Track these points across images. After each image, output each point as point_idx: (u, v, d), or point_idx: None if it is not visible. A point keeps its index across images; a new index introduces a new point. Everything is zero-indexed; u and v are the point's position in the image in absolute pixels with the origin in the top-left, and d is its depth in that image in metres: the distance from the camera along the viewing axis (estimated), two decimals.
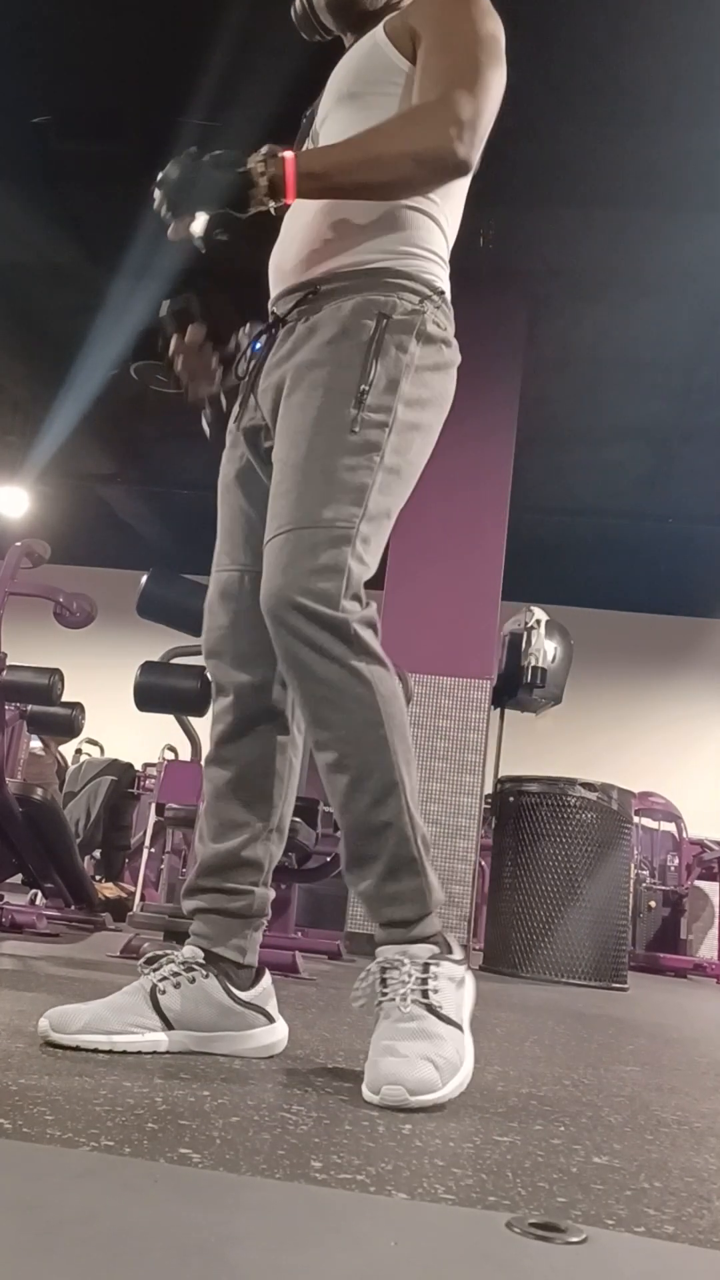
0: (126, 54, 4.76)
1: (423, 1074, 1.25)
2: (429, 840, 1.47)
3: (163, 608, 3.07)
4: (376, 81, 1.60)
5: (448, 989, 1.37)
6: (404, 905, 1.43)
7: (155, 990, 1.44)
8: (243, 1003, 1.49)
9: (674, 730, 10.97)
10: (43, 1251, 0.62)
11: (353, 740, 1.44)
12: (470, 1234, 0.77)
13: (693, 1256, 0.81)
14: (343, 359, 1.51)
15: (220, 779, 1.64)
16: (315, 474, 1.48)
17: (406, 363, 1.52)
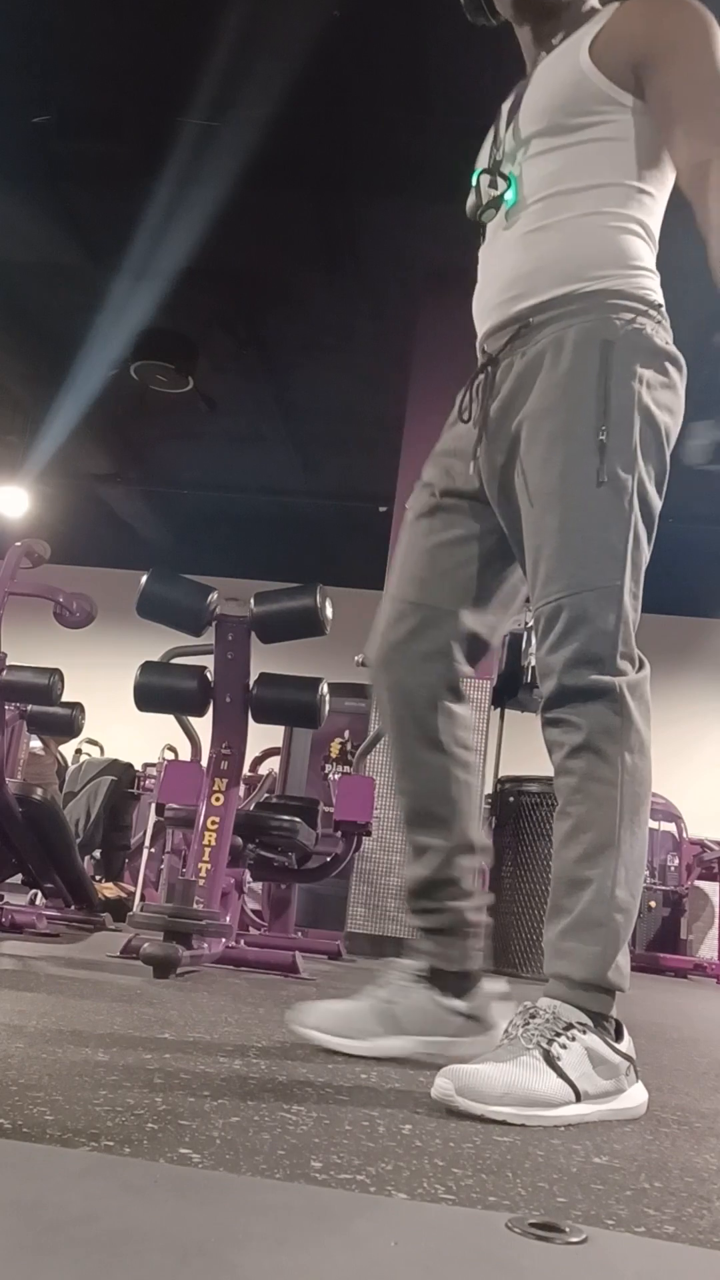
0: (126, 54, 4.76)
1: (478, 1084, 1.23)
2: (631, 919, 1.45)
3: (163, 608, 3.06)
4: (588, 113, 1.57)
5: (578, 1054, 1.32)
6: (573, 962, 1.41)
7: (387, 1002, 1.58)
8: (454, 1010, 1.54)
9: (674, 730, 10.95)
10: (43, 1251, 0.62)
11: (582, 790, 1.45)
12: (470, 1234, 0.77)
13: (693, 1257, 0.81)
14: (574, 400, 1.49)
15: (402, 808, 1.71)
16: (573, 538, 1.47)
17: (640, 391, 1.49)
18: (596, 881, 1.42)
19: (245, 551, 10.44)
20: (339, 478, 9.00)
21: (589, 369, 1.48)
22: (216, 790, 3.02)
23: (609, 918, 1.42)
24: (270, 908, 4.35)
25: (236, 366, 7.29)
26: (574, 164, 1.57)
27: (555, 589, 1.47)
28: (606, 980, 1.41)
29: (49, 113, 5.09)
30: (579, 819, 1.45)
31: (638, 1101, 1.41)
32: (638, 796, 1.45)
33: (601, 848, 1.43)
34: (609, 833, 1.43)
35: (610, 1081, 1.35)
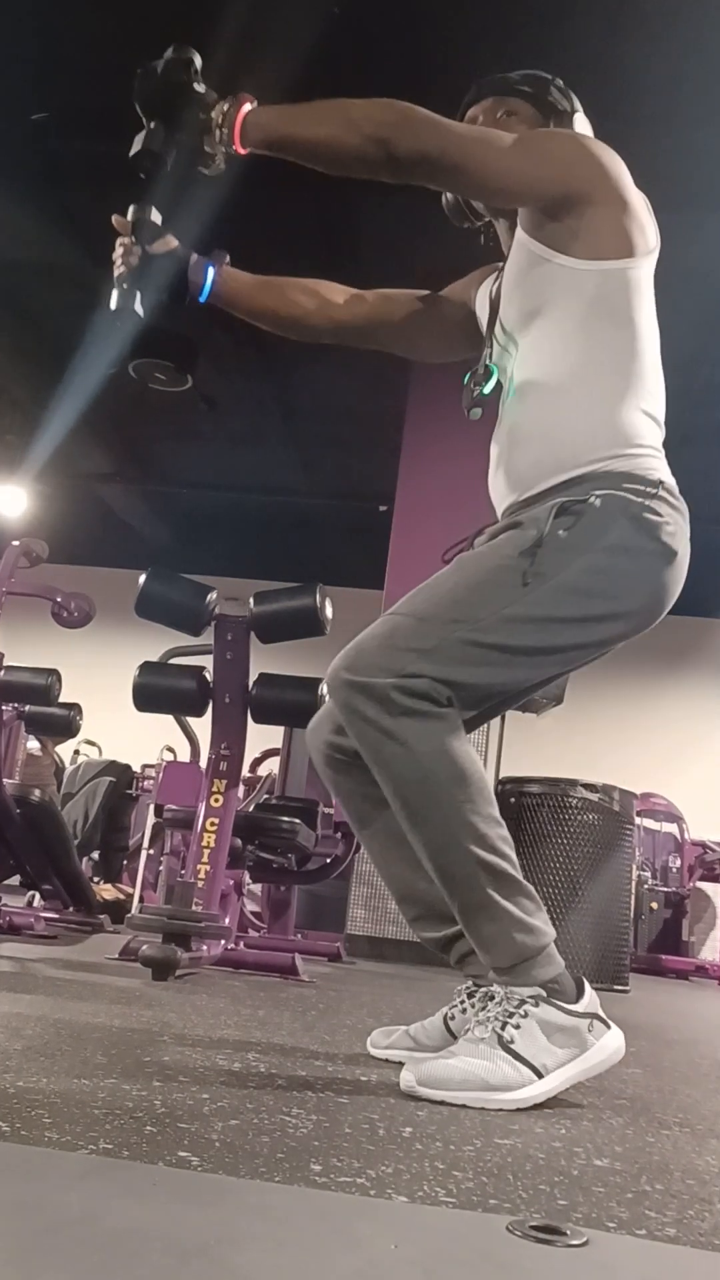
0: (126, 54, 4.75)
1: (438, 1073, 1.32)
2: (493, 868, 1.44)
3: (162, 607, 3.06)
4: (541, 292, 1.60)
5: (532, 1031, 1.38)
6: (493, 951, 1.45)
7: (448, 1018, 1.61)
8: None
9: (675, 730, 10.96)
10: (42, 1253, 0.61)
11: (398, 797, 1.47)
12: (471, 1237, 0.77)
13: (694, 1259, 0.81)
14: (535, 523, 1.50)
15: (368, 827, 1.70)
16: (445, 583, 1.51)
17: (606, 538, 1.49)
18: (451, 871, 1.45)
19: (245, 551, 10.43)
20: (339, 478, 8.99)
21: (559, 509, 1.50)
22: (215, 791, 3.02)
23: (483, 895, 1.43)
24: (269, 909, 4.35)
25: (236, 366, 7.29)
26: (550, 350, 1.59)
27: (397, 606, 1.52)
28: (522, 952, 1.43)
29: (49, 112, 5.09)
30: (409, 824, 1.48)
31: (607, 1052, 1.44)
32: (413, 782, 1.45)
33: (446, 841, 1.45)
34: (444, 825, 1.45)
35: (571, 1046, 1.40)
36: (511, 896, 1.44)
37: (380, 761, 1.46)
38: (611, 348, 1.57)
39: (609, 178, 1.55)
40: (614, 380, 1.56)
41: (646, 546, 1.52)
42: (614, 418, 1.55)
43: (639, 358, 1.58)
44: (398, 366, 6.16)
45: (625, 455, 1.54)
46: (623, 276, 1.57)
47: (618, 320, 1.57)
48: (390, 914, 4.96)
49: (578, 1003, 1.44)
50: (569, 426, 1.56)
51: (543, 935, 1.45)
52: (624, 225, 1.56)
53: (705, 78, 4.41)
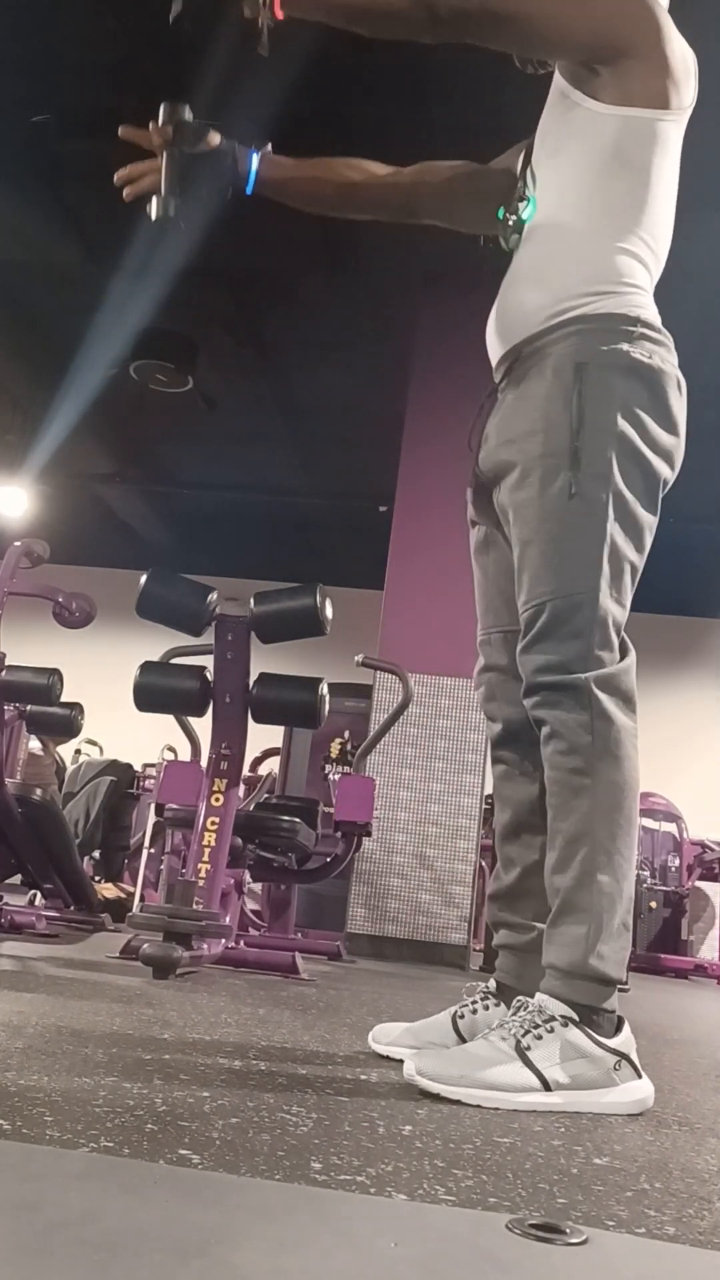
0: (126, 54, 4.76)
1: (438, 1066, 1.31)
2: (615, 905, 1.45)
3: (162, 608, 3.06)
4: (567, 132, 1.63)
5: (552, 1046, 1.36)
6: (559, 949, 1.45)
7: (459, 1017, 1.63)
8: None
9: (674, 730, 10.95)
10: (42, 1252, 0.62)
11: (558, 783, 1.50)
12: (470, 1235, 0.77)
13: (693, 1258, 0.81)
14: (549, 421, 1.53)
15: (501, 819, 1.73)
16: (548, 548, 1.52)
17: (615, 408, 1.52)
18: (576, 869, 1.46)
19: (245, 551, 10.43)
20: (339, 478, 8.99)
21: (562, 390, 1.52)
22: (216, 790, 3.02)
23: (590, 903, 1.44)
24: (270, 908, 4.35)
25: (236, 366, 7.29)
26: (559, 188, 1.61)
27: (532, 595, 1.53)
28: (589, 967, 1.42)
29: (49, 113, 5.09)
30: (556, 810, 1.50)
31: (633, 1098, 1.41)
32: (615, 785, 1.48)
33: (578, 836, 1.47)
34: (585, 822, 1.46)
35: (593, 1075, 1.37)
36: (615, 919, 1.46)
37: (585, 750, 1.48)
38: (618, 192, 1.59)
39: (655, 34, 1.55)
40: (611, 222, 1.58)
41: (649, 392, 1.55)
42: (602, 257, 1.57)
43: (646, 206, 1.59)
44: (398, 367, 6.16)
45: (608, 294, 1.56)
46: (647, 127, 1.57)
47: (632, 168, 1.58)
48: (390, 913, 4.96)
49: (612, 1039, 1.41)
50: (558, 266, 1.59)
51: (616, 971, 1.45)
52: (659, 79, 1.56)
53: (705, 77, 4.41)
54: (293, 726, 4.94)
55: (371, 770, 4.85)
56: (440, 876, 5.00)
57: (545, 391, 1.54)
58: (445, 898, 4.95)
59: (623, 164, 1.58)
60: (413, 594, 5.44)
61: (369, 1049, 1.66)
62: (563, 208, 1.61)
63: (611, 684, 1.51)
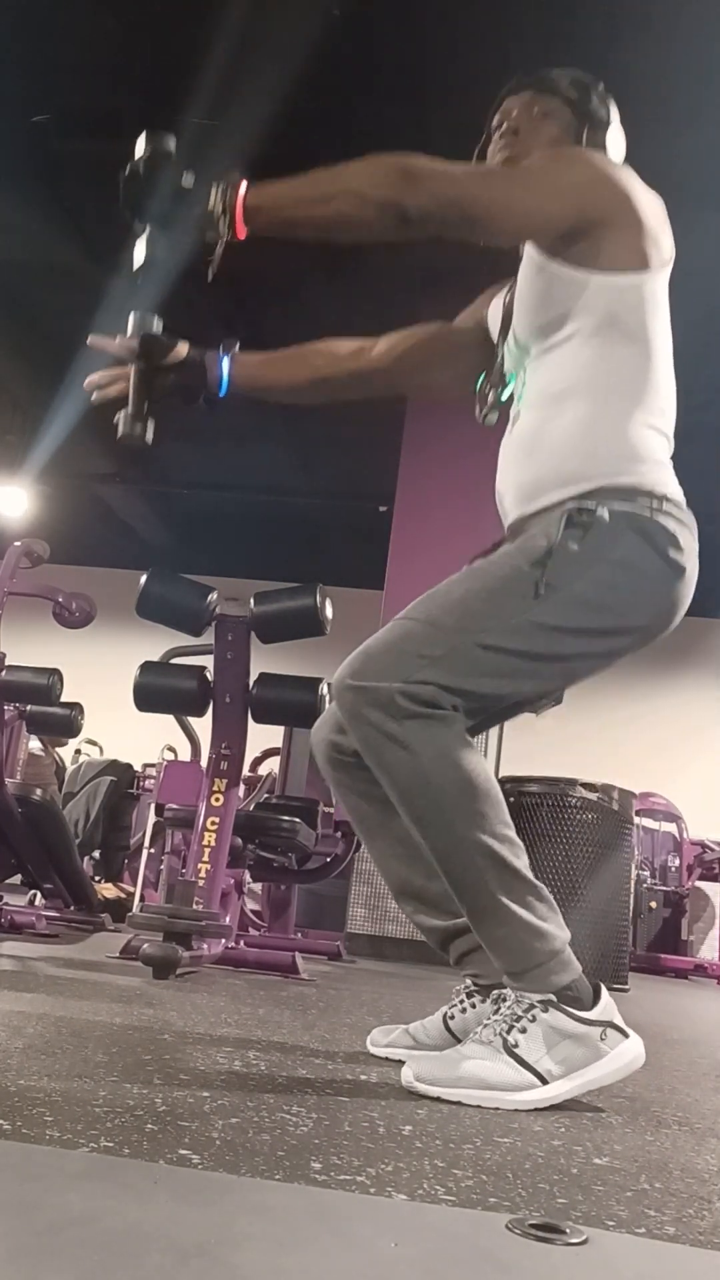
0: (126, 54, 4.76)
1: (435, 1070, 1.32)
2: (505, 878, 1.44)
3: (162, 608, 3.06)
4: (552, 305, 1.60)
5: (537, 1037, 1.37)
6: (502, 954, 1.45)
7: (448, 1017, 1.62)
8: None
9: (674, 730, 10.96)
10: (42, 1252, 0.62)
11: (403, 802, 1.48)
12: (470, 1235, 0.77)
13: (693, 1258, 0.81)
14: (547, 532, 1.50)
15: None
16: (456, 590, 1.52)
17: (614, 552, 1.48)
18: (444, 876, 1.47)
19: (245, 551, 10.43)
20: (339, 478, 9.00)
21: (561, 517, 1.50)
22: (216, 790, 3.02)
23: (492, 899, 1.43)
24: (270, 908, 4.35)
25: None
26: (560, 362, 1.59)
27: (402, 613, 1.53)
28: (533, 956, 1.42)
29: (49, 112, 5.09)
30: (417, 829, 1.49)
31: (622, 1061, 1.42)
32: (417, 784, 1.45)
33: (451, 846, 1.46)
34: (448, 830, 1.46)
35: (582, 1053, 1.38)
36: (522, 900, 1.44)
37: (384, 766, 1.46)
38: (622, 362, 1.57)
39: (625, 202, 1.54)
40: (623, 395, 1.56)
41: (654, 563, 1.51)
42: (622, 433, 1.55)
43: (650, 372, 1.58)
44: None
45: (632, 470, 1.53)
46: (636, 291, 1.56)
47: (630, 335, 1.56)
48: (390, 913, 4.96)
49: (591, 1009, 1.42)
50: (577, 440, 1.55)
51: (554, 939, 1.44)
52: (637, 241, 1.55)
53: (701, 75, 4.42)
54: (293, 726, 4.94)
55: None
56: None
57: (556, 520, 1.51)
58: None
59: (621, 333, 1.56)
60: (413, 594, 5.36)
61: (366, 1050, 1.66)
62: (568, 381, 1.57)
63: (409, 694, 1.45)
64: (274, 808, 4.10)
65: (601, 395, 1.55)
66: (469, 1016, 1.61)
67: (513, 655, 1.48)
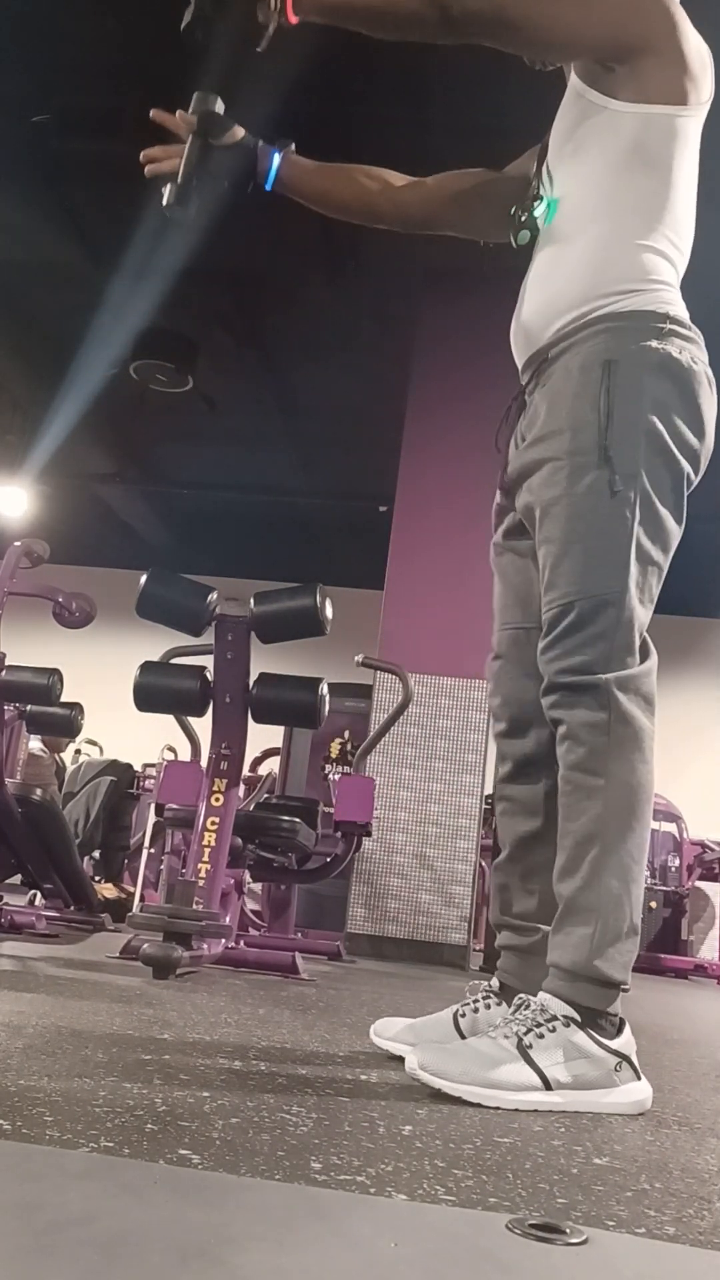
0: (126, 54, 4.76)
1: (441, 1062, 1.32)
2: (623, 909, 1.45)
3: (162, 608, 3.06)
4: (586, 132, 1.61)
5: (553, 1045, 1.36)
6: (563, 949, 1.45)
7: (461, 1016, 1.63)
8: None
9: (674, 730, 10.93)
10: (42, 1252, 0.62)
11: (570, 783, 1.49)
12: (470, 1235, 0.77)
13: (693, 1258, 0.81)
14: (578, 420, 1.52)
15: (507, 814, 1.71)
16: (575, 548, 1.51)
17: (644, 406, 1.50)
18: (585, 870, 1.45)
19: (245, 551, 10.43)
20: (339, 478, 8.99)
21: (590, 388, 1.51)
22: (216, 790, 3.02)
23: (598, 904, 1.44)
24: (270, 908, 4.35)
25: (236, 366, 7.29)
26: (581, 188, 1.60)
27: (558, 595, 1.52)
28: (594, 969, 1.42)
29: (49, 112, 5.09)
30: (567, 810, 1.49)
31: (632, 1099, 1.42)
32: (629, 787, 1.47)
33: (589, 837, 1.46)
34: (596, 823, 1.46)
35: (594, 1075, 1.38)
36: (623, 919, 1.45)
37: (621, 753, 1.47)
38: (639, 190, 1.58)
39: (671, 31, 1.54)
40: (634, 220, 1.57)
41: (678, 390, 1.53)
42: (628, 255, 1.56)
43: (668, 204, 1.58)
44: (398, 367, 6.16)
45: (635, 291, 1.55)
46: (667, 123, 1.56)
47: (653, 165, 1.57)
48: (390, 912, 4.96)
49: (613, 1041, 1.42)
50: (584, 265, 1.57)
51: (621, 973, 1.45)
52: (676, 75, 1.55)
53: None
54: (293, 726, 4.94)
55: (371, 770, 4.85)
56: (440, 876, 5.00)
57: (574, 389, 1.53)
58: (445, 898, 4.95)
59: (644, 161, 1.57)
60: (413, 594, 5.44)
61: (369, 1049, 1.66)
62: (585, 207, 1.60)
63: (632, 685, 1.50)
64: (274, 808, 4.10)
65: (617, 218, 1.57)
66: (480, 1017, 1.61)
67: (658, 564, 1.55)
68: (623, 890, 1.45)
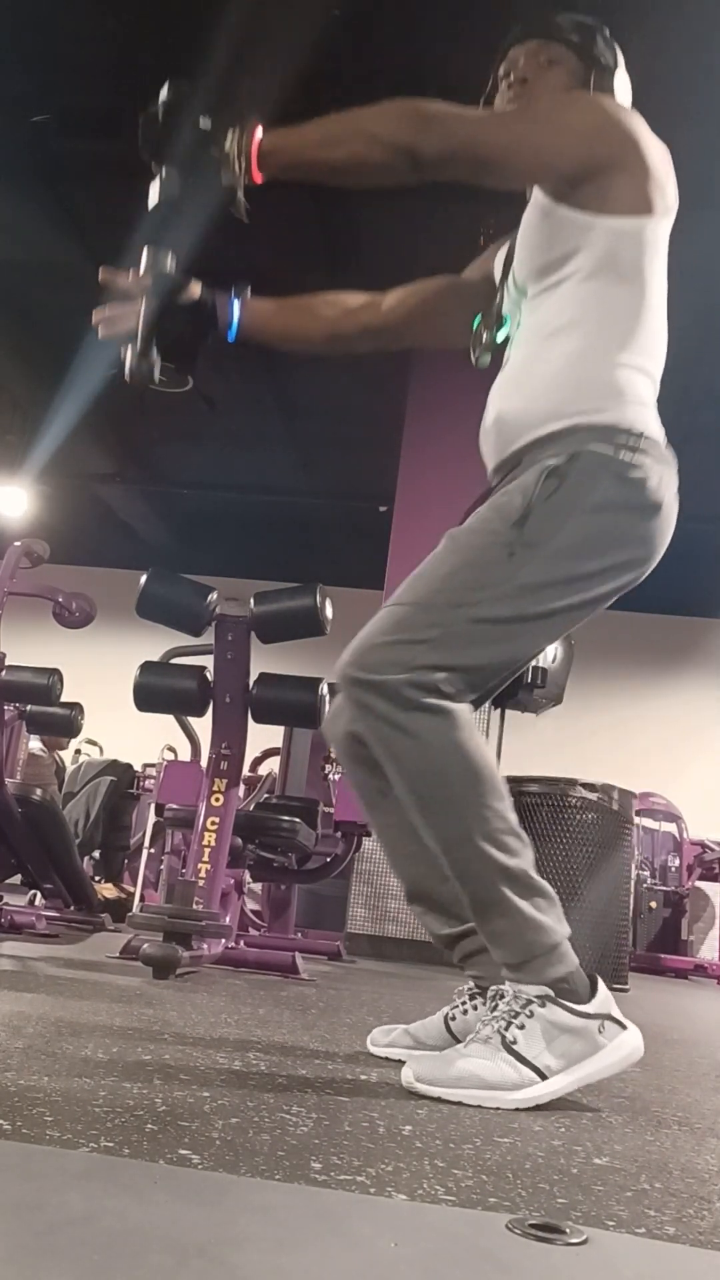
0: (126, 54, 4.76)
1: (434, 1070, 1.32)
2: (511, 873, 1.45)
3: (162, 608, 3.06)
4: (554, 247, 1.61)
5: (536, 1033, 1.37)
6: (503, 947, 1.46)
7: (450, 1018, 1.63)
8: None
9: (674, 730, 10.96)
10: (42, 1252, 0.62)
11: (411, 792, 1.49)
12: (470, 1235, 0.77)
13: (693, 1258, 0.81)
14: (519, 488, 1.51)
15: None
16: (440, 567, 1.52)
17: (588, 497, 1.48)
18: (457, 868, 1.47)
19: (245, 551, 10.43)
20: (339, 478, 8.99)
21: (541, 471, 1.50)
22: (216, 790, 3.02)
23: (495, 891, 1.44)
24: (270, 908, 4.35)
25: (236, 366, 7.29)
26: (555, 305, 1.60)
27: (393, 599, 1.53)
28: (532, 949, 1.43)
29: (49, 112, 5.09)
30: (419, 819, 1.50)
31: (621, 1053, 1.42)
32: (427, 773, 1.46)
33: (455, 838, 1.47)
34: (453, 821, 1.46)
35: (581, 1047, 1.39)
36: (524, 893, 1.44)
37: (392, 756, 1.47)
38: (616, 302, 1.58)
39: (634, 146, 1.55)
40: (609, 334, 1.57)
41: (631, 502, 1.51)
42: (607, 369, 1.55)
43: (643, 313, 1.58)
44: (398, 367, 6.16)
45: (612, 408, 1.54)
46: (637, 234, 1.57)
47: (625, 277, 1.57)
48: (390, 912, 4.96)
49: (589, 1003, 1.42)
50: (563, 375, 1.57)
51: (554, 933, 1.45)
52: (643, 185, 1.57)
53: (699, 75, 4.42)
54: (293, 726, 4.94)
55: None
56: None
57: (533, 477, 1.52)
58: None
59: (619, 275, 1.57)
60: None
61: (366, 1050, 1.66)
62: (558, 319, 1.59)
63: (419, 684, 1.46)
64: (274, 808, 4.10)
65: (592, 332, 1.57)
66: (469, 1018, 1.61)
67: (507, 622, 1.49)
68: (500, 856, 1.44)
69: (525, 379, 1.61)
